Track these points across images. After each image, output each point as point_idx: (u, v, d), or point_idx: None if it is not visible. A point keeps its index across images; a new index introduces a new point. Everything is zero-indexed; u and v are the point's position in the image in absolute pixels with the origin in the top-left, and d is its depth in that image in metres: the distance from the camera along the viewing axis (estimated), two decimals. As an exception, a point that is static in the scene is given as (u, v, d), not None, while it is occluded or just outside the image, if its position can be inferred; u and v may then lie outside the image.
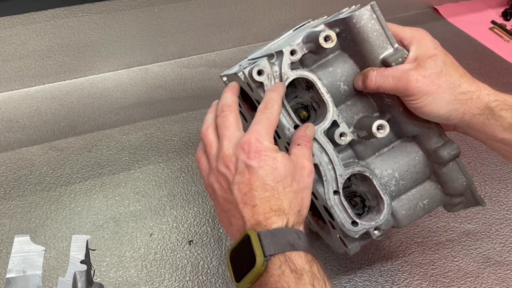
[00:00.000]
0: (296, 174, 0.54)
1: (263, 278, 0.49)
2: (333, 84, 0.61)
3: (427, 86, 0.56)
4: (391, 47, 0.59)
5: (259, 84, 0.59)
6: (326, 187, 0.60)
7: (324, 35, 0.58)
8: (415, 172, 0.64)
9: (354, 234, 0.61)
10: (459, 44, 1.23)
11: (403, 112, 0.61)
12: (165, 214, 0.81)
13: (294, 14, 1.19)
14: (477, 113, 0.58)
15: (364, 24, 0.59)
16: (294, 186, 0.53)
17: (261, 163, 0.52)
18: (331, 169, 0.60)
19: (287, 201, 0.52)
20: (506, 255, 0.77)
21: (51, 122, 0.98)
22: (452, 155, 0.62)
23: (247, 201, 0.51)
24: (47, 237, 0.76)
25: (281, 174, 0.52)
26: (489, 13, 1.38)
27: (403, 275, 0.74)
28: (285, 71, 0.59)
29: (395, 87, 0.57)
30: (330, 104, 0.60)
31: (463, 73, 0.59)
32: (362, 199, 0.64)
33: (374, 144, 0.63)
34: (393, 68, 0.58)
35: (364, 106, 0.63)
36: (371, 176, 0.61)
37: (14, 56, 1.00)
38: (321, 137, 0.59)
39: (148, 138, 0.94)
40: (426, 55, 0.58)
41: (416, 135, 0.63)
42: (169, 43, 1.12)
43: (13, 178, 0.85)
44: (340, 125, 0.60)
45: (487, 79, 0.61)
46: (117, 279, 0.72)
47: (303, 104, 0.63)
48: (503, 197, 0.86)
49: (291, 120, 0.60)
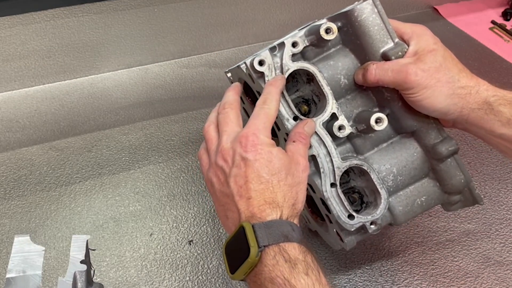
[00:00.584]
0: (291, 169, 0.54)
1: (257, 268, 0.49)
2: (333, 77, 0.62)
3: (426, 79, 0.57)
4: (392, 41, 0.60)
5: (260, 74, 0.60)
6: (324, 179, 0.60)
7: (325, 27, 0.59)
8: (413, 168, 0.64)
9: (350, 227, 0.61)
10: (459, 44, 1.23)
11: (402, 106, 0.61)
12: (165, 214, 0.81)
13: (294, 14, 1.19)
14: (476, 107, 0.58)
15: (365, 18, 0.60)
16: (289, 179, 0.54)
17: (256, 156, 0.53)
18: (329, 161, 0.60)
19: (281, 194, 0.53)
20: (506, 255, 0.77)
21: (51, 122, 0.98)
22: (450, 151, 0.62)
23: (243, 194, 0.52)
24: (47, 237, 0.76)
25: (276, 167, 0.53)
26: (489, 13, 1.38)
27: (403, 275, 0.74)
28: (286, 62, 0.59)
29: (394, 80, 0.58)
30: (330, 96, 0.60)
31: (462, 68, 0.60)
32: (360, 195, 0.65)
33: (373, 139, 0.63)
34: (393, 61, 0.59)
35: (363, 100, 0.63)
36: (369, 170, 0.61)
37: (14, 56, 1.00)
38: (320, 129, 0.60)
39: (148, 138, 0.94)
40: (426, 49, 0.59)
41: (415, 131, 0.63)
42: (169, 43, 1.12)
43: (13, 178, 0.85)
44: (339, 117, 0.60)
45: (487, 79, 0.61)
46: (117, 279, 0.72)
47: (304, 98, 0.64)
48: (503, 197, 0.86)
49: (291, 111, 0.60)
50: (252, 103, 0.73)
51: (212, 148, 0.58)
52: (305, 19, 0.75)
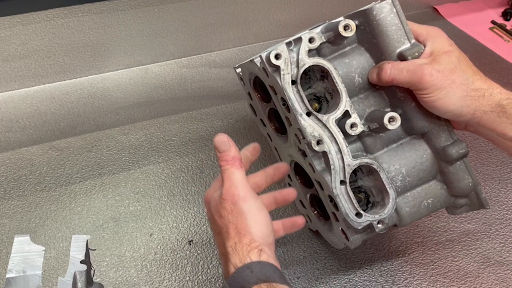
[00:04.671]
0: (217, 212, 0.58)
1: None
2: (348, 75, 0.62)
3: (441, 80, 0.57)
4: (408, 42, 0.61)
5: (275, 68, 0.59)
6: (334, 175, 0.60)
7: (344, 24, 0.59)
8: (421, 170, 0.64)
9: (357, 225, 0.61)
10: (459, 44, 1.20)
11: (415, 107, 0.61)
12: (165, 214, 0.81)
13: (294, 14, 1.19)
14: (489, 110, 0.58)
15: (383, 17, 0.60)
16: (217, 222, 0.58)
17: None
18: (340, 158, 0.60)
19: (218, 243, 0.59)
20: (506, 255, 0.77)
21: (51, 122, 0.98)
22: (460, 154, 0.62)
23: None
24: (47, 237, 0.76)
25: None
26: (489, 13, 1.38)
27: (403, 275, 0.74)
28: (302, 57, 0.59)
29: (409, 80, 0.58)
30: (344, 94, 0.60)
31: (476, 71, 0.60)
32: (366, 195, 0.65)
33: (384, 139, 0.63)
34: (408, 61, 0.59)
35: (376, 100, 0.64)
36: (379, 169, 0.61)
37: (14, 56, 1.00)
38: (332, 126, 0.60)
39: (148, 138, 0.94)
40: (441, 50, 0.59)
41: (426, 133, 0.63)
42: (169, 43, 1.12)
43: (13, 178, 0.85)
44: (351, 115, 0.60)
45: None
46: (117, 279, 0.72)
47: (316, 96, 0.64)
48: (503, 197, 0.86)
49: (304, 107, 0.60)
50: (260, 99, 0.74)
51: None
52: (305, 19, 0.75)
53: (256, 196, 0.58)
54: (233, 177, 0.57)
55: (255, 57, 0.64)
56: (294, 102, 0.59)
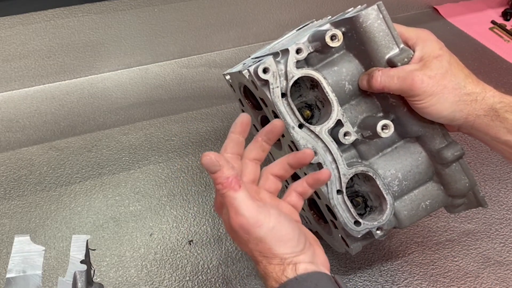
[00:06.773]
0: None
1: None
2: (338, 83, 0.61)
3: (432, 86, 0.56)
4: (397, 47, 0.59)
5: (264, 82, 0.59)
6: (330, 186, 0.60)
7: (330, 34, 0.58)
8: (418, 173, 0.64)
9: (356, 234, 0.61)
10: (459, 44, 1.23)
11: (407, 112, 0.61)
12: (165, 214, 0.81)
13: (294, 14, 1.19)
14: (482, 114, 0.57)
15: (370, 24, 0.59)
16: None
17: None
18: (335, 168, 0.60)
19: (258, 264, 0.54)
20: (506, 255, 0.77)
21: (51, 122, 0.98)
22: (456, 156, 0.62)
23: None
24: (47, 237, 0.76)
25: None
26: (489, 13, 1.38)
27: (403, 275, 0.74)
28: (290, 69, 0.58)
29: (400, 87, 0.57)
30: (335, 103, 0.59)
31: (468, 74, 0.59)
32: (364, 199, 0.64)
33: (378, 144, 0.63)
34: (399, 68, 0.58)
35: (368, 106, 0.63)
36: (375, 176, 0.61)
37: (14, 56, 1.00)
38: (325, 136, 0.59)
39: (148, 138, 0.94)
40: (431, 55, 0.58)
41: (420, 136, 0.63)
42: (169, 43, 1.12)
43: (13, 178, 0.85)
44: (344, 124, 0.60)
45: (487, 79, 0.61)
46: (117, 279, 0.72)
47: (307, 103, 0.63)
48: (503, 197, 0.86)
49: (296, 119, 0.59)
50: (252, 107, 0.73)
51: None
52: (305, 19, 0.75)
53: (269, 207, 0.51)
54: (234, 203, 0.50)
55: (241, 68, 0.62)
56: (285, 115, 0.59)
